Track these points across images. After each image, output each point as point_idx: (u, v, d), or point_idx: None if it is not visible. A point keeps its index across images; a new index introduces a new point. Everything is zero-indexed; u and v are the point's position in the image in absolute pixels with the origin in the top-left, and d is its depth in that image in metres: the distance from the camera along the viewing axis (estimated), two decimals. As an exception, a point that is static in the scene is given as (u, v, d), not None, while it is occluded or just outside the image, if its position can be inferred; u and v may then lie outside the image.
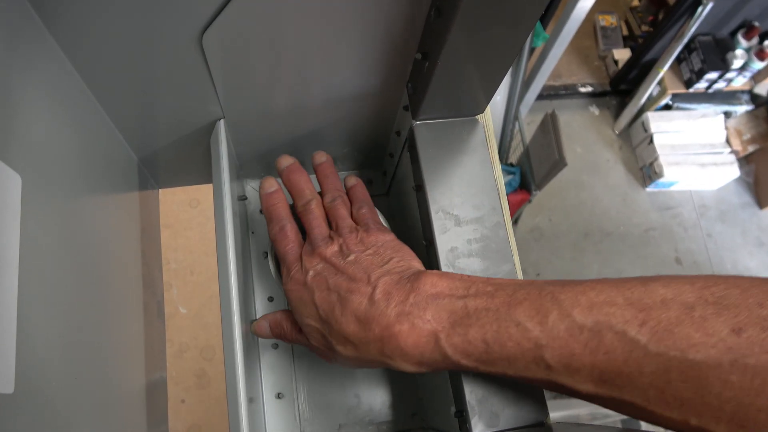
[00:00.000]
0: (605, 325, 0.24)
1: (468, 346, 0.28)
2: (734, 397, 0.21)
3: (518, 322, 0.27)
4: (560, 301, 0.26)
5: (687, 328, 0.23)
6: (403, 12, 0.30)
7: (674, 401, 0.23)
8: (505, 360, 0.27)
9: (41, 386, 0.24)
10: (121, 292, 0.36)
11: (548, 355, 0.26)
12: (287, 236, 0.36)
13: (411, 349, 0.29)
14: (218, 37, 0.29)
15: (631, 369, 0.24)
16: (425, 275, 0.31)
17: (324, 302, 0.32)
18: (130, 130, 0.37)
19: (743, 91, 2.00)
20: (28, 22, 0.26)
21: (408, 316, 0.29)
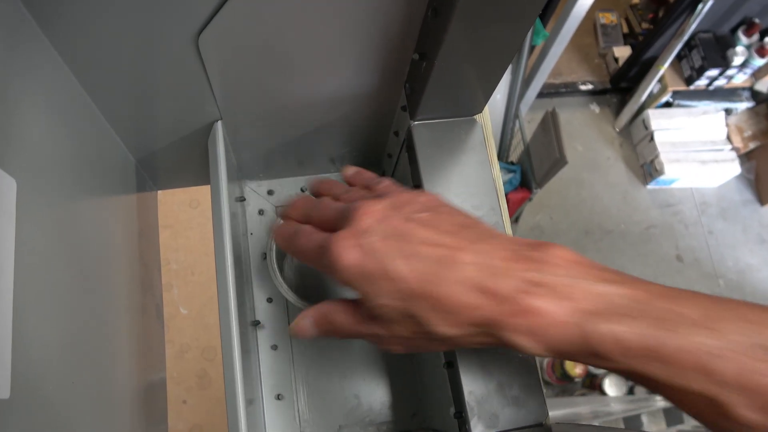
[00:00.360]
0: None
1: (628, 342, 0.23)
2: None
3: (694, 321, 0.22)
4: (735, 312, 0.23)
5: None
6: (400, 12, 0.30)
7: None
8: (661, 362, 0.23)
9: (38, 390, 0.24)
10: (118, 294, 0.36)
11: (722, 367, 0.22)
12: (305, 231, 0.30)
13: (545, 330, 0.24)
14: (214, 38, 0.29)
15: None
16: (552, 246, 0.26)
17: (409, 271, 0.25)
18: (127, 131, 0.37)
19: (744, 88, 2.00)
20: (23, 24, 0.25)
21: (545, 288, 0.24)
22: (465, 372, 0.32)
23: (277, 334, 0.45)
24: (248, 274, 0.45)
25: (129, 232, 0.39)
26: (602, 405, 1.36)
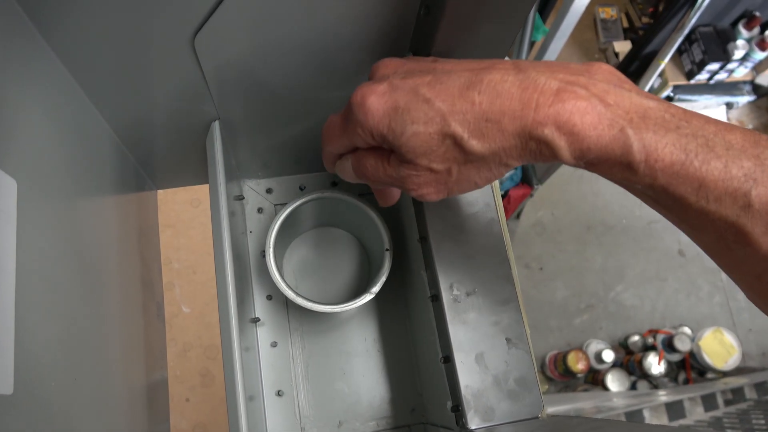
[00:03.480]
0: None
1: (662, 149, 0.22)
2: None
3: (731, 145, 0.22)
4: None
5: None
6: (394, 10, 0.30)
7: None
8: (698, 180, 0.22)
9: (40, 387, 0.24)
10: (118, 292, 0.36)
11: (756, 192, 0.21)
12: (331, 118, 0.30)
13: (585, 128, 0.23)
14: (210, 39, 0.29)
15: None
16: (598, 63, 0.25)
17: (439, 92, 0.25)
18: (126, 132, 0.37)
19: (745, 81, 1.99)
20: (20, 26, 0.26)
21: (584, 91, 0.23)
22: (461, 366, 0.33)
23: (276, 331, 0.45)
24: (248, 272, 0.45)
25: (129, 232, 0.40)
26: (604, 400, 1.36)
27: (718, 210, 0.22)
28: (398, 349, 0.46)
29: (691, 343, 1.59)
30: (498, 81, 0.24)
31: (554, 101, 0.23)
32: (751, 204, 0.21)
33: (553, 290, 1.85)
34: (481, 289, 0.34)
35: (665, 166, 0.22)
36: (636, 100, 0.23)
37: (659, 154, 0.22)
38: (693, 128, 0.23)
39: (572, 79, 0.24)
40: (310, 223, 0.48)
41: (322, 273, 0.48)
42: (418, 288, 0.40)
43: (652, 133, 0.23)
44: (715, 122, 0.23)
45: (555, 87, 0.23)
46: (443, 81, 0.25)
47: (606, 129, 0.23)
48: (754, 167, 0.22)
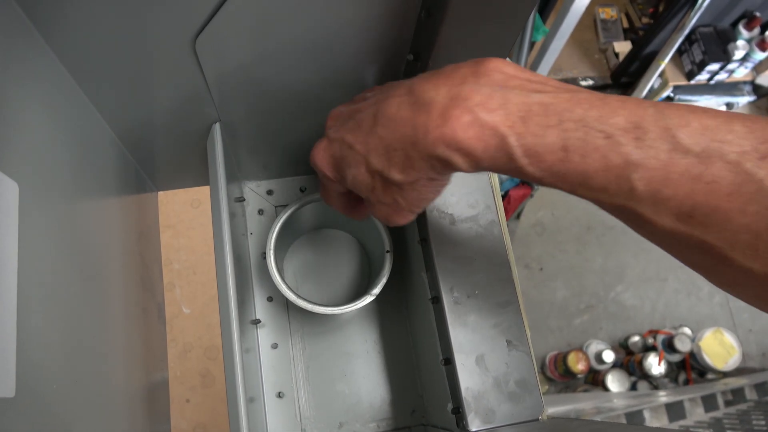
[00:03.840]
0: (717, 152, 0.21)
1: (542, 150, 0.23)
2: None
3: (610, 133, 0.22)
4: (666, 116, 0.22)
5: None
6: (394, 12, 0.30)
7: (766, 249, 0.20)
8: (581, 175, 0.23)
9: (42, 390, 0.24)
10: (120, 294, 0.36)
11: (637, 176, 0.22)
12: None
13: (471, 144, 0.24)
14: (211, 41, 0.29)
15: (733, 205, 0.20)
16: (489, 59, 0.26)
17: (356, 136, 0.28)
18: (126, 134, 0.37)
19: (745, 82, 1.99)
20: (21, 28, 0.26)
21: (466, 102, 0.24)
22: (462, 368, 0.33)
23: (277, 333, 0.45)
24: (249, 274, 0.45)
25: (130, 233, 0.40)
26: (605, 401, 1.36)
27: (608, 198, 0.23)
28: (398, 351, 0.46)
29: (691, 344, 1.59)
30: (394, 110, 0.26)
31: (440, 123, 0.24)
32: (634, 188, 0.22)
33: (553, 290, 1.85)
34: (481, 291, 0.34)
35: (549, 166, 0.23)
36: (518, 99, 0.24)
37: (541, 156, 0.23)
38: (575, 118, 0.23)
39: (456, 92, 0.25)
40: (310, 224, 0.48)
41: (322, 275, 0.48)
42: (418, 290, 0.40)
43: (532, 136, 0.23)
44: (600, 104, 0.23)
45: (441, 106, 0.25)
46: (360, 123, 0.28)
47: (490, 140, 0.24)
48: (633, 150, 0.22)
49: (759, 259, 0.20)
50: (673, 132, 0.22)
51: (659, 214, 0.22)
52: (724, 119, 0.22)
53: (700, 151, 0.21)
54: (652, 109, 0.22)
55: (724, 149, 0.21)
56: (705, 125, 0.21)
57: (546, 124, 0.23)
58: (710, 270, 0.23)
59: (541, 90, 0.24)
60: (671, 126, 0.22)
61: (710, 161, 0.21)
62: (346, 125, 0.29)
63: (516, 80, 0.25)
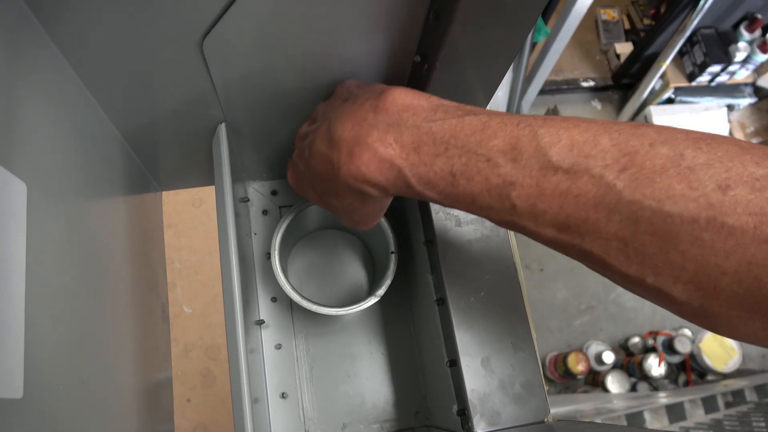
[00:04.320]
0: (582, 167, 0.23)
1: (433, 177, 0.26)
2: (701, 256, 0.20)
3: (489, 157, 0.25)
4: (539, 136, 0.24)
5: (670, 178, 0.21)
6: (401, 14, 0.30)
7: (635, 256, 0.22)
8: (469, 196, 0.26)
9: (49, 390, 0.24)
10: (125, 294, 0.36)
11: (515, 194, 0.24)
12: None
13: (373, 176, 0.27)
14: (218, 42, 0.29)
15: (599, 216, 0.22)
16: (389, 91, 0.28)
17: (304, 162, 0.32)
18: (132, 134, 0.37)
19: (746, 83, 1.99)
20: (29, 29, 0.26)
21: (366, 139, 0.27)
22: (467, 370, 0.33)
23: (281, 333, 0.45)
24: (252, 274, 0.45)
25: (135, 233, 0.40)
26: (605, 402, 1.36)
27: (495, 215, 0.26)
28: (402, 352, 0.46)
29: (691, 345, 1.59)
30: (317, 145, 0.30)
31: (347, 160, 0.28)
32: (515, 204, 0.24)
33: (553, 291, 1.85)
34: (487, 293, 0.34)
35: (440, 191, 0.26)
36: (411, 131, 0.27)
37: (433, 182, 0.26)
38: (459, 145, 0.26)
39: (358, 130, 0.28)
40: (315, 225, 0.48)
41: (326, 275, 0.48)
42: (423, 291, 0.40)
43: (423, 165, 0.26)
44: (482, 129, 0.25)
45: (347, 144, 0.28)
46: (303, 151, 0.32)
47: (389, 172, 0.27)
48: (510, 171, 0.24)
49: (632, 265, 0.22)
50: (544, 150, 0.24)
51: (540, 227, 0.24)
52: (593, 134, 0.23)
53: (569, 168, 0.23)
54: (528, 129, 0.24)
55: (590, 164, 0.23)
56: (574, 141, 0.23)
57: (434, 153, 0.26)
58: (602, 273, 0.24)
59: (431, 119, 0.27)
60: (543, 145, 0.24)
61: (577, 176, 0.23)
62: (299, 150, 0.33)
63: (410, 111, 0.28)
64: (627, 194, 0.22)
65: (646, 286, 0.22)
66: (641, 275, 0.22)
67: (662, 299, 0.22)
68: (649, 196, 0.21)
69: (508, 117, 0.26)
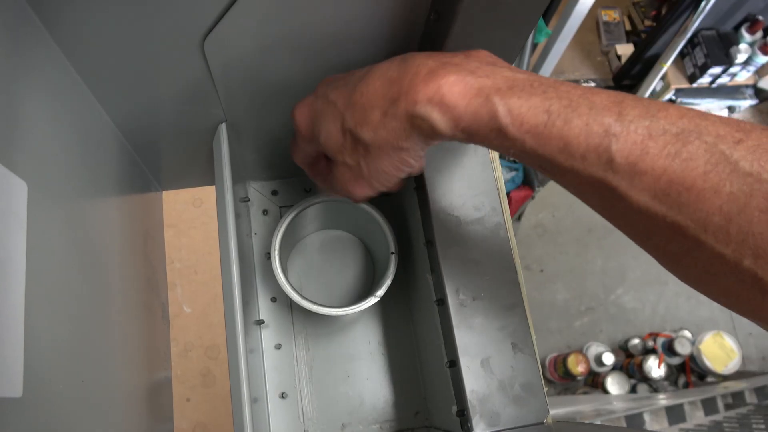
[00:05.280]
0: (694, 132, 0.21)
1: (525, 112, 0.24)
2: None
3: (593, 104, 0.23)
4: (646, 103, 0.23)
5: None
6: (403, 15, 0.30)
7: (738, 234, 0.20)
8: (561, 140, 0.23)
9: (49, 389, 0.24)
10: (125, 294, 0.36)
11: (616, 147, 0.22)
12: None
13: (454, 100, 0.25)
14: (220, 42, 0.29)
15: (708, 185, 0.20)
16: (475, 50, 0.27)
17: (343, 93, 0.29)
18: (133, 133, 0.37)
19: (747, 85, 1.99)
20: (31, 28, 0.26)
21: (456, 67, 0.25)
22: (467, 371, 0.33)
23: (281, 333, 0.45)
24: (252, 274, 0.45)
25: (135, 233, 0.40)
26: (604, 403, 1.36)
27: (585, 168, 0.23)
28: (402, 353, 0.46)
29: (691, 347, 1.59)
30: (383, 70, 0.27)
31: (427, 79, 0.25)
32: (613, 158, 0.22)
33: (553, 292, 1.85)
34: (487, 293, 0.34)
35: (530, 128, 0.24)
36: (506, 74, 0.25)
37: (524, 117, 0.24)
38: (559, 93, 0.24)
39: (447, 60, 0.26)
40: (315, 225, 0.48)
41: (326, 276, 0.48)
42: (423, 292, 0.40)
43: (517, 98, 0.24)
44: (583, 88, 0.24)
45: (429, 67, 0.26)
46: (347, 82, 0.29)
47: (474, 97, 0.25)
48: (614, 123, 0.22)
49: (731, 243, 0.20)
50: (653, 113, 0.22)
51: (634, 189, 0.22)
52: (699, 111, 0.22)
53: (679, 132, 0.21)
54: (631, 97, 0.23)
55: (702, 131, 0.21)
56: (682, 113, 0.22)
57: (531, 91, 0.24)
58: (680, 257, 0.23)
59: (526, 72, 0.26)
60: (651, 109, 0.22)
61: (688, 140, 0.21)
62: (334, 84, 0.30)
63: (504, 65, 0.26)
64: (744, 165, 0.20)
65: (740, 269, 0.20)
66: (738, 256, 0.20)
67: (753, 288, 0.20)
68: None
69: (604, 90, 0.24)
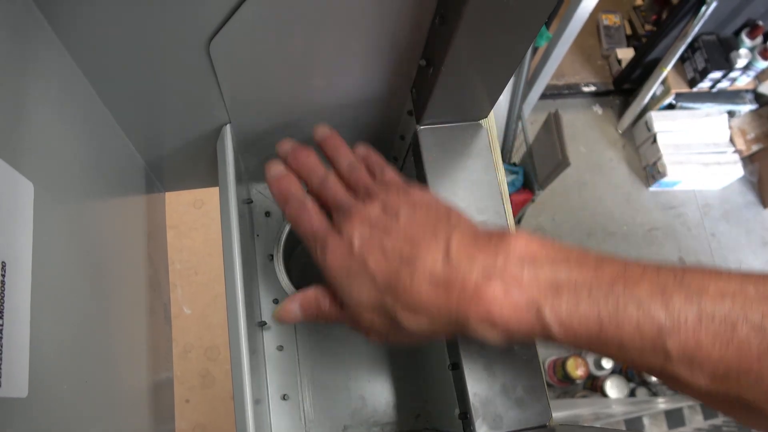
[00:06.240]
0: (741, 316, 0.22)
1: (577, 323, 0.24)
2: None
3: (640, 301, 0.23)
4: (685, 284, 0.23)
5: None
6: (408, 18, 0.30)
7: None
8: (618, 343, 0.24)
9: (53, 389, 0.24)
10: (129, 295, 0.36)
11: (671, 343, 0.23)
12: (309, 210, 0.32)
13: (505, 319, 0.25)
14: (225, 44, 0.29)
15: (763, 365, 0.21)
16: (513, 235, 0.27)
17: (383, 269, 0.27)
18: (137, 134, 0.38)
19: (747, 90, 2.00)
20: (38, 30, 0.26)
21: (501, 279, 0.25)
22: (470, 373, 0.33)
23: (283, 335, 0.45)
24: (255, 276, 0.45)
25: (138, 234, 0.40)
26: (603, 407, 1.36)
27: (644, 362, 0.24)
28: (404, 355, 0.46)
29: (690, 351, 1.59)
30: (429, 269, 0.26)
31: (475, 297, 0.25)
32: (669, 353, 0.23)
33: (553, 296, 1.84)
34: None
35: (583, 336, 0.24)
36: (548, 274, 0.25)
37: (576, 329, 0.24)
38: (604, 290, 0.24)
39: (490, 267, 0.26)
40: (317, 227, 0.48)
41: (328, 277, 0.48)
42: (425, 294, 0.40)
43: (565, 306, 0.24)
44: (623, 275, 0.24)
45: (475, 280, 0.25)
46: (387, 254, 0.28)
47: (524, 313, 0.25)
48: (664, 318, 0.23)
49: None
50: (696, 298, 0.23)
51: (695, 376, 0.23)
52: (738, 283, 0.23)
53: (725, 316, 0.22)
54: (672, 276, 0.24)
55: (747, 313, 0.22)
56: (723, 290, 0.23)
57: (577, 295, 0.24)
58: (750, 422, 0.24)
59: (566, 263, 0.25)
60: (693, 292, 0.23)
61: (736, 326, 0.22)
62: (372, 245, 0.28)
63: (542, 255, 0.26)
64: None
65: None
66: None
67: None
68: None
69: (646, 264, 0.25)
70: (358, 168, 0.33)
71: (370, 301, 0.28)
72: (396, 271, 0.27)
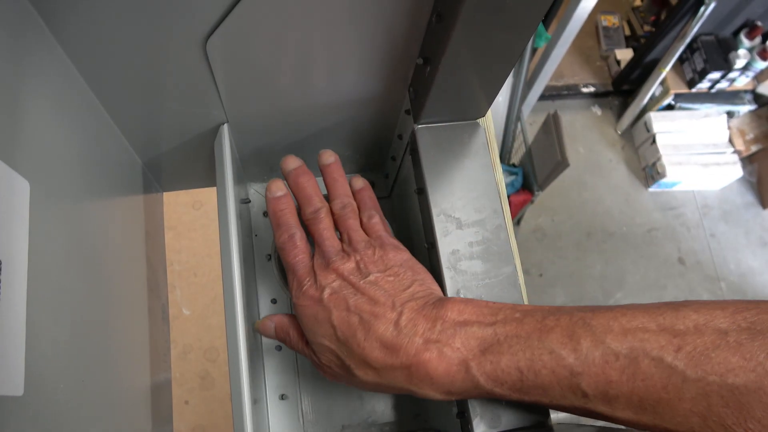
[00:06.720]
0: (641, 351, 0.24)
1: (501, 374, 0.27)
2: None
3: (551, 349, 0.26)
4: (592, 327, 0.26)
5: (724, 352, 0.23)
6: (404, 17, 0.30)
7: (718, 427, 0.23)
8: (539, 388, 0.27)
9: (49, 389, 0.24)
10: (126, 295, 0.36)
11: (584, 383, 0.25)
12: (297, 246, 0.35)
13: (440, 378, 0.29)
14: (222, 43, 0.29)
15: (671, 395, 0.24)
16: (450, 302, 0.30)
17: (344, 324, 0.31)
18: (134, 134, 0.38)
19: (746, 90, 2.00)
20: (33, 28, 0.26)
21: (436, 344, 0.29)
22: (468, 373, 0.33)
23: (281, 335, 0.45)
24: (253, 276, 0.45)
25: (136, 234, 0.40)
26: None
27: (568, 403, 0.27)
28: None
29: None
30: (381, 333, 0.30)
31: (415, 360, 0.29)
32: (586, 393, 0.26)
33: (552, 296, 1.85)
34: (488, 295, 0.34)
35: (510, 386, 0.28)
36: (477, 334, 0.29)
37: (501, 379, 0.28)
38: (521, 343, 0.27)
39: (429, 333, 0.29)
40: (315, 227, 0.48)
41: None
42: (423, 293, 0.40)
43: (490, 362, 0.28)
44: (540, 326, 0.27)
45: (416, 346, 0.29)
46: (350, 311, 0.31)
47: (455, 371, 0.28)
48: (574, 362, 0.26)
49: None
50: (601, 339, 0.25)
51: (616, 411, 0.25)
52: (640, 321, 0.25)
53: (627, 353, 0.25)
54: (581, 321, 0.27)
55: (646, 347, 0.24)
56: (625, 329, 0.25)
57: (500, 351, 0.28)
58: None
59: (493, 322, 0.29)
60: (599, 334, 0.26)
61: (638, 361, 0.24)
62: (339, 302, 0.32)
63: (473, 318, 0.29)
64: (690, 373, 0.23)
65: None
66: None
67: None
68: (710, 371, 0.23)
69: (559, 311, 0.28)
70: (348, 214, 0.36)
71: (329, 347, 0.32)
72: (354, 330, 0.31)
